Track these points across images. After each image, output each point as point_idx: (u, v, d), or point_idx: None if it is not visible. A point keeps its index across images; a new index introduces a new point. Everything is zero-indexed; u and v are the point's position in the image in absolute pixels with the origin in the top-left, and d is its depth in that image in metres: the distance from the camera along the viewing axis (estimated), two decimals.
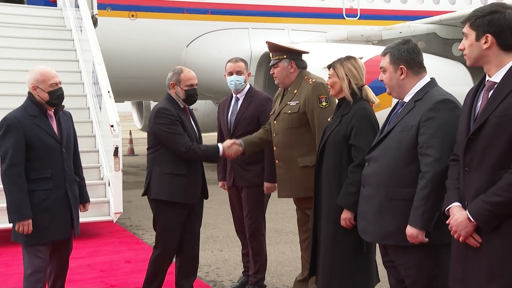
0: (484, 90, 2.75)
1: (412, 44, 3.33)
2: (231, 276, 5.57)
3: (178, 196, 4.44)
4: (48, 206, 3.93)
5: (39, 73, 4.04)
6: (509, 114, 2.57)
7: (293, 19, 13.79)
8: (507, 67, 2.67)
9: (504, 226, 2.57)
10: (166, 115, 4.39)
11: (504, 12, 2.69)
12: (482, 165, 2.64)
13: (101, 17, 10.96)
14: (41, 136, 3.94)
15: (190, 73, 4.58)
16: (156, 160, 4.52)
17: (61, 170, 4.03)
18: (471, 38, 2.72)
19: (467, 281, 2.72)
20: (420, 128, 3.07)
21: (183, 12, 12.94)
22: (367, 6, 14.64)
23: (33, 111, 4.00)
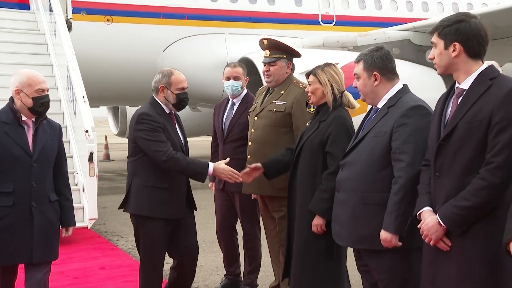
0: (454, 96, 2.82)
1: (385, 51, 3.39)
2: (206, 281, 5.54)
3: (158, 212, 4.01)
4: (7, 225, 3.48)
5: (25, 76, 3.66)
6: (477, 120, 2.64)
7: (269, 25, 13.84)
8: (474, 74, 2.74)
9: (472, 230, 2.66)
10: (147, 121, 3.98)
11: (470, 21, 2.77)
12: (452, 170, 2.71)
13: (75, 21, 10.85)
14: (7, 145, 3.52)
15: (181, 75, 4.18)
16: (136, 170, 4.11)
17: (26, 186, 3.55)
18: (440, 47, 2.79)
19: (438, 284, 2.78)
20: (393, 134, 3.13)
21: (159, 17, 12.90)
22: (342, 13, 14.76)
23: (7, 117, 3.60)
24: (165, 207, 4.03)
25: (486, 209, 2.62)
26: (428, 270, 2.85)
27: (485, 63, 2.81)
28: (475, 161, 2.66)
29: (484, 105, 2.65)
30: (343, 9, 14.81)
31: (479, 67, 2.75)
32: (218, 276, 5.65)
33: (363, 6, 15.09)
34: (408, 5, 15.64)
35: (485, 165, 2.62)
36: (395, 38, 12.85)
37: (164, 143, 3.95)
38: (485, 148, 2.64)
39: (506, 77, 2.73)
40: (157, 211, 4.01)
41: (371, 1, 15.25)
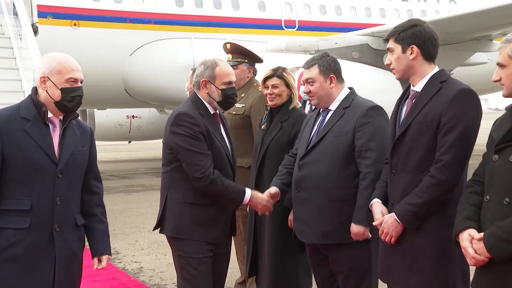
0: (408, 98, 2.92)
1: (333, 57, 3.48)
2: (174, 279, 5.40)
3: (200, 234, 3.25)
4: (18, 254, 2.53)
5: (55, 60, 2.72)
6: (427, 121, 2.76)
7: (234, 30, 13.85)
8: (427, 77, 2.85)
9: (424, 225, 2.77)
10: (187, 124, 3.19)
11: (423, 25, 2.89)
12: (406, 168, 2.81)
13: (42, 25, 10.66)
14: (27, 148, 2.58)
15: (227, 67, 3.43)
16: (172, 182, 3.31)
17: (48, 203, 2.61)
18: (397, 52, 2.86)
19: (392, 276, 2.88)
20: (356, 133, 3.20)
21: (126, 21, 12.77)
22: (304, 18, 14.87)
23: (28, 112, 2.66)
24: (206, 229, 3.26)
25: (436, 205, 2.74)
26: (385, 261, 2.95)
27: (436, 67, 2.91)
28: (426, 160, 2.77)
29: (434, 106, 2.76)
30: (305, 15, 14.93)
31: (432, 70, 2.86)
32: None
33: (324, 12, 15.24)
34: (367, 11, 15.87)
35: (434, 163, 2.74)
36: (354, 43, 12.99)
37: (203, 156, 3.18)
38: (435, 147, 2.75)
39: (455, 80, 2.84)
40: (198, 233, 3.24)
41: (331, 7, 15.40)
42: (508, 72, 2.35)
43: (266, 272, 3.88)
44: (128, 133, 16.97)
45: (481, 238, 2.30)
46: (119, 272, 5.61)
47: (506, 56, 2.34)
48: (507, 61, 2.34)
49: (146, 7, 12.94)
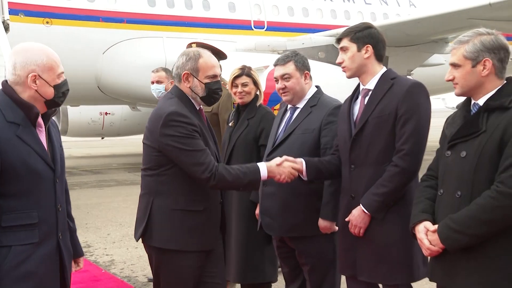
0: (361, 97, 2.99)
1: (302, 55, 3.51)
2: (145, 271, 5.46)
3: (191, 243, 2.87)
4: (31, 271, 2.24)
5: (43, 54, 2.33)
6: (385, 115, 2.85)
7: (205, 29, 13.80)
8: (378, 75, 2.96)
9: (389, 215, 2.84)
10: (181, 124, 2.78)
11: (375, 28, 3.01)
12: (367, 161, 2.88)
13: (13, 22, 10.46)
14: (26, 157, 2.24)
15: (212, 58, 2.97)
16: (160, 187, 2.86)
17: (52, 212, 2.36)
18: (352, 50, 2.94)
19: (359, 266, 2.91)
20: (322, 131, 3.25)
21: (98, 20, 12.61)
22: (273, 19, 14.90)
23: (15, 116, 2.26)
24: (200, 236, 2.89)
25: (400, 193, 2.82)
26: (346, 255, 2.98)
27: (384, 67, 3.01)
28: (386, 151, 2.86)
29: (389, 101, 2.85)
30: (273, 16, 14.96)
31: (381, 69, 2.97)
32: None
33: (292, 13, 15.30)
34: (332, 13, 15.97)
35: (396, 153, 2.82)
36: (320, 43, 13.08)
37: (204, 153, 2.81)
38: (394, 138, 2.84)
39: (403, 77, 2.99)
40: (191, 242, 2.86)
41: (299, 8, 15.44)
42: (463, 71, 2.40)
43: (233, 264, 3.90)
44: (101, 130, 16.81)
45: (436, 230, 2.36)
46: (90, 264, 5.57)
47: (461, 57, 2.40)
48: (462, 61, 2.40)
49: (118, 6, 12.79)
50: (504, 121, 2.31)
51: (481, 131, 2.36)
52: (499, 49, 2.39)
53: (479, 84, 2.41)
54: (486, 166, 2.31)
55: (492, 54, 2.39)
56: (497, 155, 2.30)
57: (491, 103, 2.38)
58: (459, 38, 2.48)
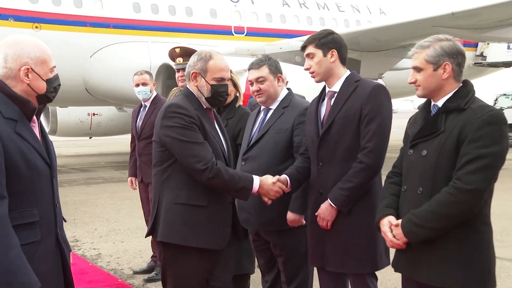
0: (327, 98, 3.00)
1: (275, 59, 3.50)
2: (130, 264, 5.45)
3: (195, 238, 2.68)
4: (35, 269, 2.02)
5: (37, 47, 2.14)
6: (350, 115, 2.87)
7: (188, 34, 13.80)
8: (343, 78, 2.98)
9: (355, 208, 2.86)
10: (179, 115, 2.67)
11: (337, 33, 3.02)
12: (334, 159, 2.90)
13: (3, 27, 10.37)
14: (27, 153, 2.06)
15: (223, 61, 2.86)
16: (164, 182, 2.73)
17: (51, 208, 2.18)
18: (318, 56, 2.95)
19: (327, 258, 2.93)
20: (294, 130, 3.25)
21: (86, 25, 12.56)
22: (252, 25, 14.95)
23: (11, 111, 2.07)
24: (202, 232, 2.68)
25: (365, 188, 2.85)
26: (316, 247, 3.00)
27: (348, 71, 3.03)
28: (352, 149, 2.88)
29: (354, 102, 2.88)
30: (253, 22, 15.00)
31: (345, 72, 2.98)
32: (141, 259, 5.59)
33: (270, 20, 15.35)
34: (308, 20, 16.06)
35: (361, 151, 2.85)
36: (297, 48, 13.05)
37: (201, 145, 2.67)
38: (359, 137, 2.86)
39: (367, 80, 3.00)
40: (192, 237, 2.67)
41: (277, 15, 15.50)
42: (425, 75, 2.43)
43: None
44: (89, 130, 16.74)
45: (399, 224, 2.39)
46: (78, 258, 5.54)
47: (423, 61, 2.43)
48: (424, 64, 2.43)
49: (105, 12, 12.76)
50: (460, 122, 2.34)
51: (440, 131, 2.39)
52: (457, 54, 2.43)
53: (439, 87, 2.44)
54: (445, 164, 2.34)
55: (452, 59, 2.42)
56: (455, 154, 2.33)
57: (449, 104, 2.41)
58: (420, 43, 2.50)
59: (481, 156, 2.25)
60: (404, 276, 2.55)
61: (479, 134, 2.28)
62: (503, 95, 21.03)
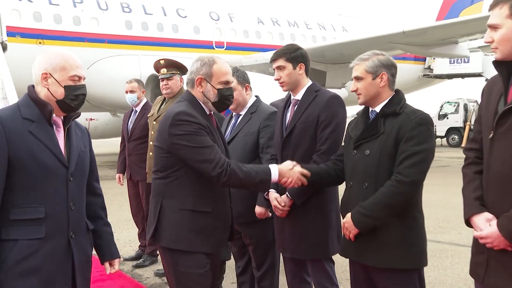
0: (291, 105, 3.02)
1: (243, 70, 3.50)
2: (121, 252, 5.30)
3: (199, 245, 2.43)
4: (36, 266, 1.91)
5: (59, 55, 2.05)
6: (309, 121, 2.89)
7: (174, 48, 13.79)
8: (305, 88, 2.99)
9: (308, 201, 2.87)
10: (188, 122, 2.39)
11: (303, 48, 3.03)
12: (295, 158, 2.87)
13: (11, 43, 10.29)
14: (36, 151, 1.94)
15: (225, 65, 2.57)
16: (168, 189, 2.45)
17: (62, 209, 2.00)
18: (289, 69, 2.94)
19: (286, 245, 2.97)
20: (260, 133, 3.27)
21: (84, 41, 12.55)
22: (231, 40, 14.99)
23: (30, 112, 1.99)
24: (207, 237, 2.45)
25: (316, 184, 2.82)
26: (279, 236, 3.03)
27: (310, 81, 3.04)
28: (309, 151, 2.90)
29: (313, 110, 2.90)
30: (231, 37, 15.04)
31: (308, 82, 3.00)
32: (130, 247, 5.58)
33: (247, 35, 15.40)
34: (281, 35, 16.14)
35: (316, 152, 2.88)
36: None
37: (212, 149, 2.39)
38: (316, 141, 2.89)
39: (325, 90, 3.02)
40: (198, 243, 2.43)
41: (253, 31, 15.54)
42: (365, 83, 2.47)
43: None
44: None
45: (350, 217, 2.42)
46: None
47: (363, 71, 2.46)
48: (364, 74, 2.47)
49: (101, 29, 12.77)
50: (397, 124, 2.38)
51: (380, 132, 2.42)
52: (391, 66, 2.49)
53: (377, 94, 2.47)
54: (386, 161, 2.36)
55: (387, 69, 2.46)
56: (394, 151, 2.36)
57: (386, 109, 2.45)
58: (359, 56, 2.51)
59: (416, 153, 2.31)
60: (352, 261, 2.57)
61: (413, 133, 2.34)
62: (447, 103, 21.63)
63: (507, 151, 1.96)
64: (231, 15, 15.28)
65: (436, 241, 5.36)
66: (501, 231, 1.91)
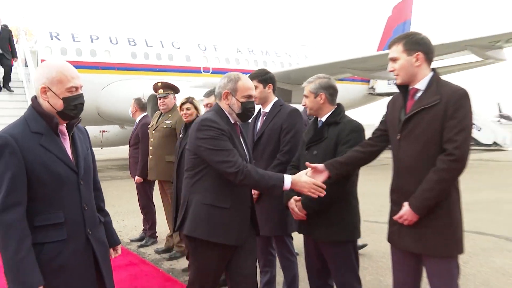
0: (261, 116, 3.10)
1: None
2: (128, 235, 5.49)
3: (216, 235, 2.27)
4: (63, 264, 1.78)
5: (55, 69, 1.82)
6: (275, 128, 2.97)
7: (170, 73, 13.72)
8: (272, 103, 3.07)
9: None
10: (211, 128, 2.26)
11: (271, 72, 3.08)
12: (263, 158, 2.98)
13: None
14: (49, 163, 1.77)
15: (249, 81, 2.43)
16: (195, 186, 2.33)
17: (78, 211, 1.85)
18: (260, 88, 3.02)
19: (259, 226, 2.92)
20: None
21: (98, 68, 12.57)
22: (216, 66, 14.93)
23: (38, 126, 1.79)
24: (224, 231, 2.28)
25: None
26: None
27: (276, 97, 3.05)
28: (274, 151, 2.97)
29: (278, 120, 2.98)
30: (216, 64, 14.98)
31: (274, 98, 3.07)
32: (136, 232, 5.59)
33: (228, 62, 15.28)
34: (255, 62, 16.02)
35: (280, 152, 2.96)
36: None
37: (231, 152, 2.25)
38: (279, 143, 2.96)
39: (287, 105, 3.06)
40: (215, 234, 2.27)
41: (233, 59, 15.41)
42: (310, 100, 2.57)
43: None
44: (100, 142, 16.43)
45: (300, 200, 2.50)
46: None
47: (308, 91, 2.57)
48: (309, 94, 2.57)
49: (112, 59, 12.77)
50: (337, 131, 2.48)
51: (324, 137, 2.50)
52: (329, 87, 2.57)
53: (319, 108, 2.57)
54: (329, 159, 2.42)
55: (325, 90, 2.55)
56: (334, 152, 2.46)
57: (329, 119, 2.54)
58: (308, 80, 2.60)
59: None
60: (305, 236, 2.65)
61: (348, 138, 2.45)
62: None
63: (410, 147, 2.10)
64: (215, 46, 15.25)
65: (376, 221, 5.47)
66: (412, 208, 2.06)
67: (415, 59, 2.13)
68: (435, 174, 2.02)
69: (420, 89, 2.15)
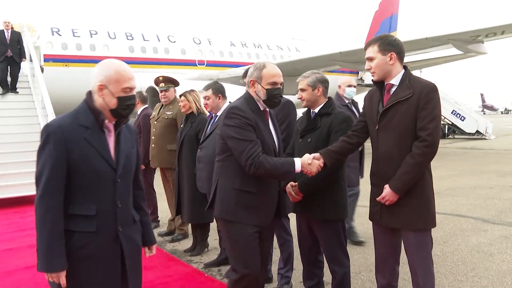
0: None
1: (220, 83, 3.58)
2: None
3: (244, 217, 2.29)
4: (89, 254, 1.77)
5: (113, 69, 1.83)
6: None
7: (166, 66, 13.70)
8: None
9: None
10: (237, 116, 2.26)
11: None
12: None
13: (46, 66, 10.52)
14: (89, 157, 1.76)
15: (275, 68, 2.40)
16: (223, 170, 2.34)
17: (111, 207, 1.81)
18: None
19: None
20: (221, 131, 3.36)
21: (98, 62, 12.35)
22: (210, 59, 14.91)
23: (87, 120, 1.80)
24: (251, 213, 2.30)
25: None
26: None
27: None
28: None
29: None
30: (210, 57, 14.95)
31: None
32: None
33: (222, 55, 15.30)
34: (248, 55, 16.03)
35: None
36: (240, 74, 12.60)
37: (252, 143, 2.24)
38: None
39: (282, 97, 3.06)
40: (242, 216, 2.29)
41: (227, 52, 15.43)
42: (307, 93, 2.64)
43: (185, 210, 3.93)
44: None
45: (296, 185, 2.57)
46: None
47: (305, 84, 2.64)
48: (306, 87, 2.63)
49: (110, 53, 12.70)
50: (329, 121, 2.58)
51: (318, 127, 2.59)
52: (325, 81, 2.67)
53: (315, 100, 2.65)
54: (321, 146, 2.51)
55: (321, 84, 2.64)
56: (326, 140, 2.55)
57: (322, 111, 2.62)
58: (303, 74, 2.67)
59: None
60: (298, 215, 2.75)
61: (339, 127, 2.55)
62: None
63: (388, 136, 2.24)
64: (210, 39, 15.20)
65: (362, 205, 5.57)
66: (393, 189, 2.21)
67: (389, 58, 2.27)
68: (411, 158, 2.18)
69: (394, 84, 2.29)
